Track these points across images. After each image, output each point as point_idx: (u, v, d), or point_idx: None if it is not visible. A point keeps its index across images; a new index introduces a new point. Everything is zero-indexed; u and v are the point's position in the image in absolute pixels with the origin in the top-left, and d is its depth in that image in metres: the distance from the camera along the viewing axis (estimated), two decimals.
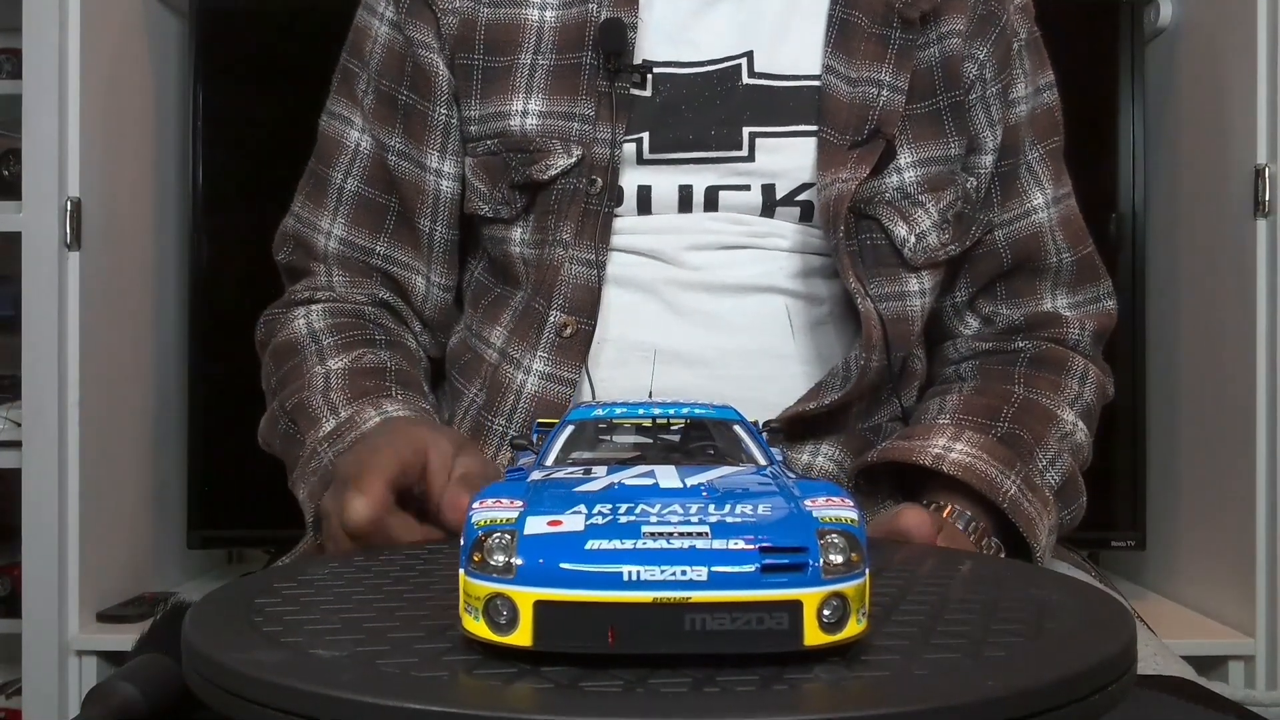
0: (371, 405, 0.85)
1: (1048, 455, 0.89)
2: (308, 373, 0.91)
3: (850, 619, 0.41)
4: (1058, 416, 0.93)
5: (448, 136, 0.95)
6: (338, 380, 0.89)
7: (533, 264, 0.92)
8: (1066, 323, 0.99)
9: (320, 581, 0.54)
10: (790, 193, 0.91)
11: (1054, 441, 0.91)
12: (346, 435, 0.84)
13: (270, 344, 0.98)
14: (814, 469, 0.90)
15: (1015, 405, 0.92)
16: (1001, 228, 0.98)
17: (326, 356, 0.92)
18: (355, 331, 0.95)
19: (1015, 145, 0.98)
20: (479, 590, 0.41)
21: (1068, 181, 1.02)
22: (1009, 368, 0.97)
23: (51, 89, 1.42)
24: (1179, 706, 0.60)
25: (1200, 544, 1.56)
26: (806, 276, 0.92)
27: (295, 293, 1.00)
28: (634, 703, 0.38)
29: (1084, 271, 1.00)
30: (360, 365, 0.90)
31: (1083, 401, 0.96)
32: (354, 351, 0.92)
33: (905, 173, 0.92)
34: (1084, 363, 0.98)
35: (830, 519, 0.42)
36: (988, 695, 0.38)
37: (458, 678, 0.40)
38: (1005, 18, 0.96)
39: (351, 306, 0.98)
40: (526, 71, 0.92)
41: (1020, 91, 0.98)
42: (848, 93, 0.91)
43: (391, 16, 0.97)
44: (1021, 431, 0.89)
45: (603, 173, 0.90)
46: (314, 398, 0.88)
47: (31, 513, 1.42)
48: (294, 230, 1.01)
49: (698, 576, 0.39)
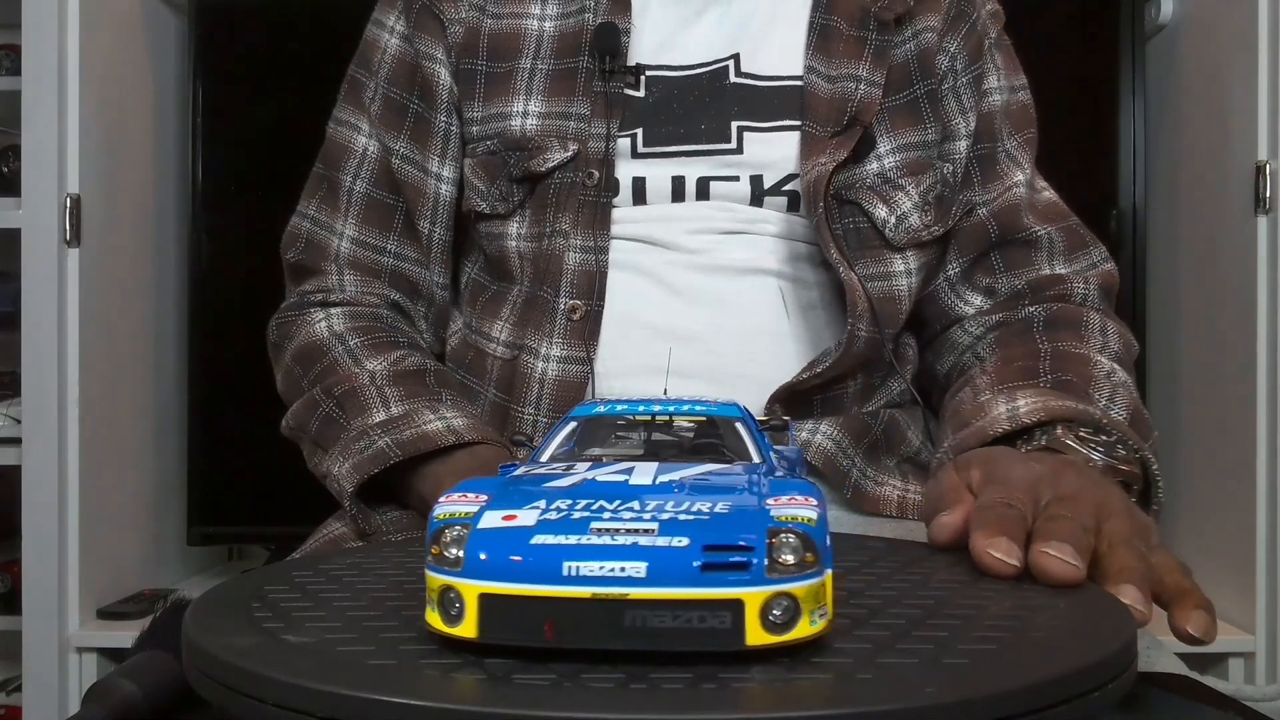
0: (428, 408, 0.89)
1: (1104, 394, 0.86)
2: (347, 371, 0.93)
3: (802, 619, 0.40)
4: (1093, 359, 0.90)
5: (447, 143, 1.00)
6: (384, 379, 0.92)
7: (529, 257, 0.96)
8: (1069, 280, 0.99)
9: (321, 579, 0.54)
10: (777, 183, 0.95)
11: (1103, 380, 0.87)
12: (404, 429, 0.87)
13: (289, 347, 1.00)
14: (812, 446, 0.91)
15: (1048, 359, 0.90)
16: (985, 205, 1.01)
17: (361, 358, 0.95)
18: (380, 334, 0.98)
19: (992, 131, 1.01)
20: (434, 583, 0.42)
21: (1042, 179, 1.04)
22: (1028, 332, 0.96)
23: (51, 86, 1.42)
24: (1180, 704, 0.60)
25: (1200, 541, 1.56)
26: (796, 261, 0.95)
27: (306, 295, 1.02)
28: (559, 697, 0.38)
29: (1073, 240, 1.02)
30: (401, 367, 0.94)
31: (1111, 349, 0.94)
32: (388, 354, 0.95)
33: (885, 159, 0.96)
34: (1099, 316, 0.97)
35: (786, 518, 0.41)
36: (930, 702, 0.37)
37: (437, 675, 0.40)
38: (976, 15, 1.02)
39: (368, 310, 1.01)
40: (526, 75, 0.97)
41: (993, 83, 1.02)
42: (827, 89, 0.96)
43: (401, 30, 1.02)
44: (1068, 376, 0.86)
45: (599, 166, 0.94)
46: (366, 389, 0.91)
47: (31, 510, 1.43)
48: (306, 231, 1.04)
49: (636, 573, 0.39)
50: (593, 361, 0.92)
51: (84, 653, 1.45)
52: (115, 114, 1.53)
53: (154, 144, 1.64)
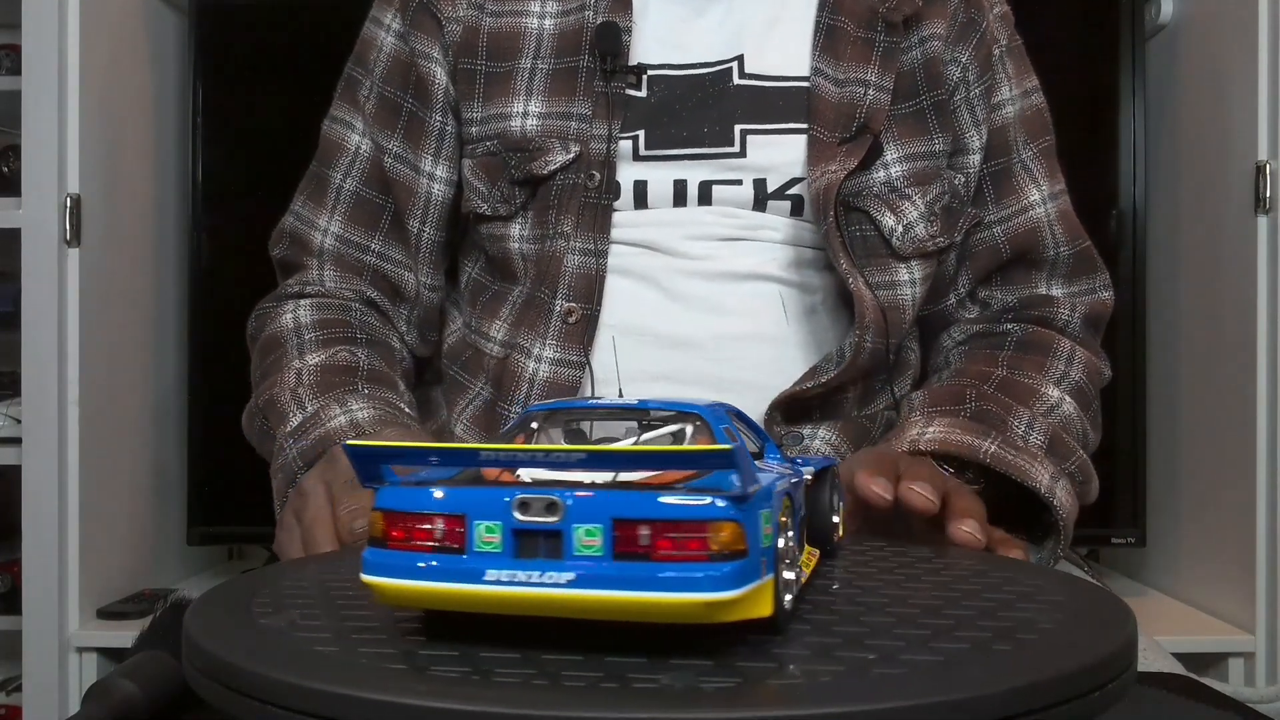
0: (337, 402, 0.89)
1: (1023, 421, 0.90)
2: (284, 368, 0.94)
3: None
4: (1039, 392, 0.94)
5: (442, 142, 1.00)
6: (310, 376, 0.92)
7: (532, 258, 0.95)
8: (1057, 304, 1.01)
9: (319, 580, 0.54)
10: (781, 187, 0.95)
11: (1029, 410, 0.92)
12: (311, 431, 0.87)
13: (259, 339, 1.01)
14: (810, 450, 0.92)
15: (993, 384, 0.94)
16: (1000, 224, 1.01)
17: (306, 351, 0.95)
18: (338, 329, 0.98)
19: (1005, 146, 1.01)
20: None
21: (1062, 180, 1.04)
22: (994, 352, 0.99)
23: (51, 85, 1.42)
24: (1180, 704, 0.60)
25: (1200, 541, 1.56)
26: (799, 267, 0.95)
27: (287, 287, 1.03)
28: (529, 695, 0.38)
29: (1081, 264, 1.02)
30: (334, 362, 0.93)
31: (1070, 380, 0.97)
32: (331, 349, 0.95)
33: (892, 168, 0.95)
34: (1070, 345, 0.99)
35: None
36: (930, 701, 0.37)
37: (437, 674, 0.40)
38: (984, 24, 1.00)
39: (339, 303, 1.01)
40: (526, 75, 0.96)
41: (1004, 94, 1.02)
42: (835, 93, 0.95)
43: (398, 28, 1.01)
44: (989, 406, 0.91)
45: (600, 167, 0.93)
46: (283, 394, 0.91)
47: (31, 509, 1.42)
48: (290, 227, 1.04)
49: None
50: (590, 365, 0.91)
51: (84, 652, 1.45)
52: (115, 114, 1.53)
53: (154, 144, 1.64)
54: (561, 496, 0.41)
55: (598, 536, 0.40)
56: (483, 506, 0.41)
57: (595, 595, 0.40)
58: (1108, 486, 1.60)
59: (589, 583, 0.40)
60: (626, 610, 0.40)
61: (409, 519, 0.42)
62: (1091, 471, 0.93)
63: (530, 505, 0.41)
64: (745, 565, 0.40)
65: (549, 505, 0.41)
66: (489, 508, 0.41)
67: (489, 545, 0.41)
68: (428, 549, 0.42)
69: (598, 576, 0.40)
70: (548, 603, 0.40)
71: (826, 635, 0.44)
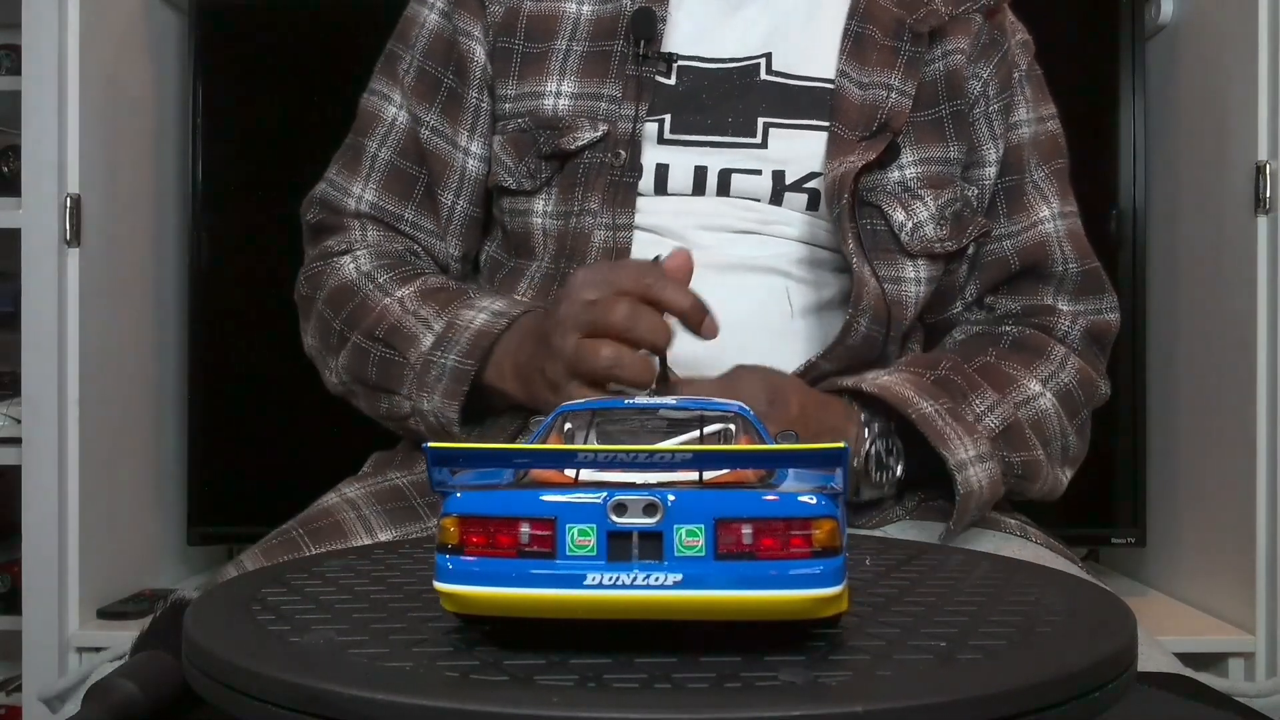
0: (465, 308, 0.92)
1: (985, 401, 0.92)
2: (378, 305, 0.96)
3: None
4: (1019, 382, 0.96)
5: (478, 119, 1.02)
6: (413, 303, 0.95)
7: (553, 234, 0.98)
8: (1059, 315, 1.02)
9: (319, 580, 0.54)
10: (799, 179, 0.96)
11: (1000, 395, 0.93)
12: (457, 338, 0.90)
13: (319, 295, 1.02)
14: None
15: (974, 365, 0.95)
16: (1010, 237, 1.03)
17: (390, 289, 0.97)
18: (407, 268, 1.00)
19: (1019, 164, 1.03)
20: None
21: (1074, 202, 1.07)
22: (988, 345, 1.00)
23: (51, 85, 1.42)
24: (1180, 704, 0.60)
25: (1200, 541, 1.56)
26: (811, 265, 0.97)
27: (329, 247, 1.04)
28: (583, 697, 0.38)
29: (1089, 283, 1.04)
30: (429, 287, 0.97)
31: (1058, 381, 0.98)
32: (416, 281, 0.98)
33: (907, 170, 0.97)
34: (1065, 351, 1.01)
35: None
36: (930, 701, 0.38)
37: (438, 673, 0.40)
38: (1007, 45, 1.03)
39: (394, 249, 1.03)
40: (561, 56, 0.99)
41: (1021, 115, 1.04)
42: (859, 94, 0.97)
43: (442, 7, 1.04)
44: (956, 378, 0.92)
45: (625, 146, 0.96)
46: (405, 319, 0.94)
47: (31, 509, 1.42)
48: (322, 194, 1.06)
49: None
50: None
51: (84, 653, 1.45)
52: (115, 114, 1.53)
53: (154, 144, 1.64)
54: (661, 498, 0.40)
55: (699, 537, 0.40)
56: (575, 509, 0.41)
57: (702, 596, 0.40)
58: (1108, 487, 1.61)
59: (695, 583, 0.40)
60: (733, 610, 0.40)
61: (490, 524, 0.41)
62: (1045, 475, 0.94)
63: (627, 507, 0.41)
64: (843, 561, 0.41)
65: (648, 506, 0.40)
66: (582, 511, 0.41)
67: (583, 549, 0.41)
68: (515, 554, 0.41)
69: (704, 576, 0.40)
70: (651, 605, 0.40)
71: (826, 636, 0.44)
